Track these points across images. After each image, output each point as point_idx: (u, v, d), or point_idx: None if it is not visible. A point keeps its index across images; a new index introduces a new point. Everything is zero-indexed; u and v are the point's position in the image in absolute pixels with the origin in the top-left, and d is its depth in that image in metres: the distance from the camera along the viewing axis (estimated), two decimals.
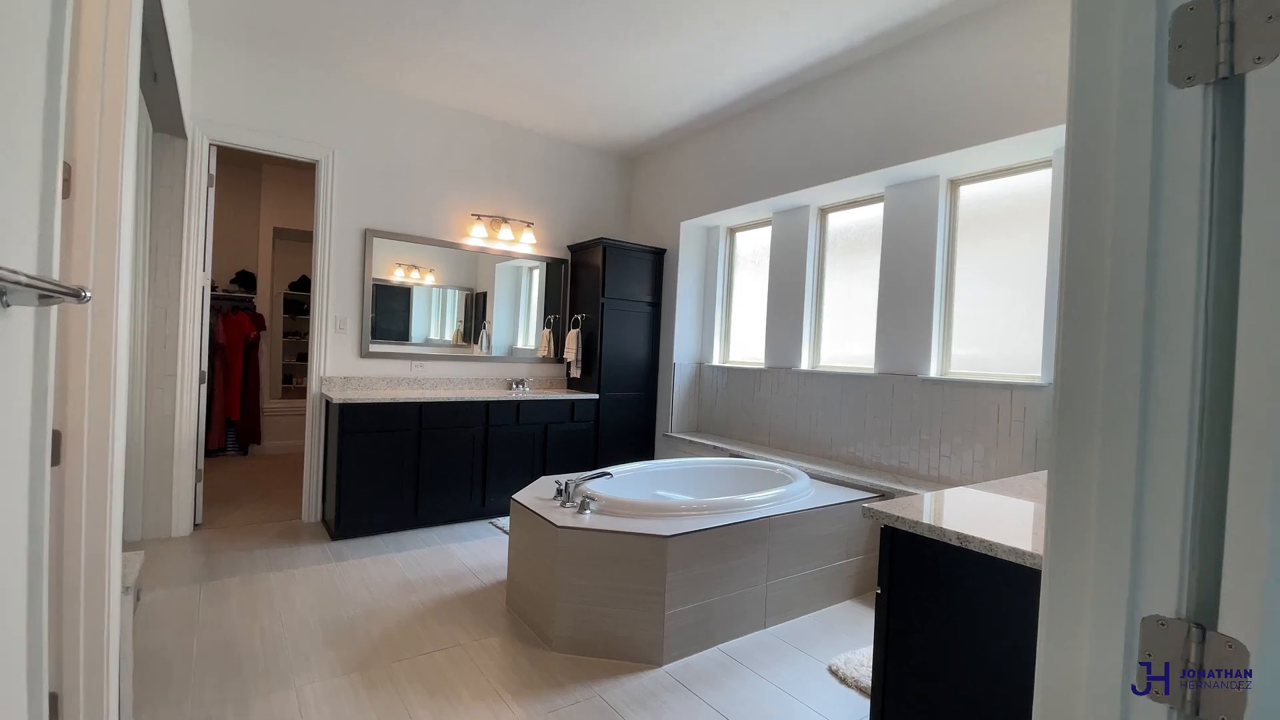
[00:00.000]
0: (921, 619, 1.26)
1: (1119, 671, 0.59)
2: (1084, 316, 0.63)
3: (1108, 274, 0.61)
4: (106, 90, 1.29)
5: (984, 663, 1.16)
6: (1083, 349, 0.62)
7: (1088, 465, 0.61)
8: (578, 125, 4.30)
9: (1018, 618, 1.11)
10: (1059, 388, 0.65)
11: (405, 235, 3.96)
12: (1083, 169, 0.64)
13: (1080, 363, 0.62)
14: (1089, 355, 0.62)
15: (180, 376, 3.29)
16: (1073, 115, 0.65)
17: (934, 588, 1.24)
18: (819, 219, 3.84)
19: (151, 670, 2.01)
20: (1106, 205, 0.61)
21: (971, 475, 2.90)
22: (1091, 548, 0.61)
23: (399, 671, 2.07)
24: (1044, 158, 2.79)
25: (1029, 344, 2.83)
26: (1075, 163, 0.64)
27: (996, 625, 1.15)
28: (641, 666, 2.16)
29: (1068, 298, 0.64)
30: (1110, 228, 0.61)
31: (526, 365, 4.50)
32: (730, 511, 2.50)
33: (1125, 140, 0.60)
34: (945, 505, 1.43)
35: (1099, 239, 0.62)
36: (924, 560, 1.26)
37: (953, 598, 1.21)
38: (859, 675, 2.09)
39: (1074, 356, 0.63)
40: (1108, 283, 0.60)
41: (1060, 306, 0.65)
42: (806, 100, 3.57)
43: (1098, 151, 0.62)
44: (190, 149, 3.28)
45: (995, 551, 1.10)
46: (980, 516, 1.36)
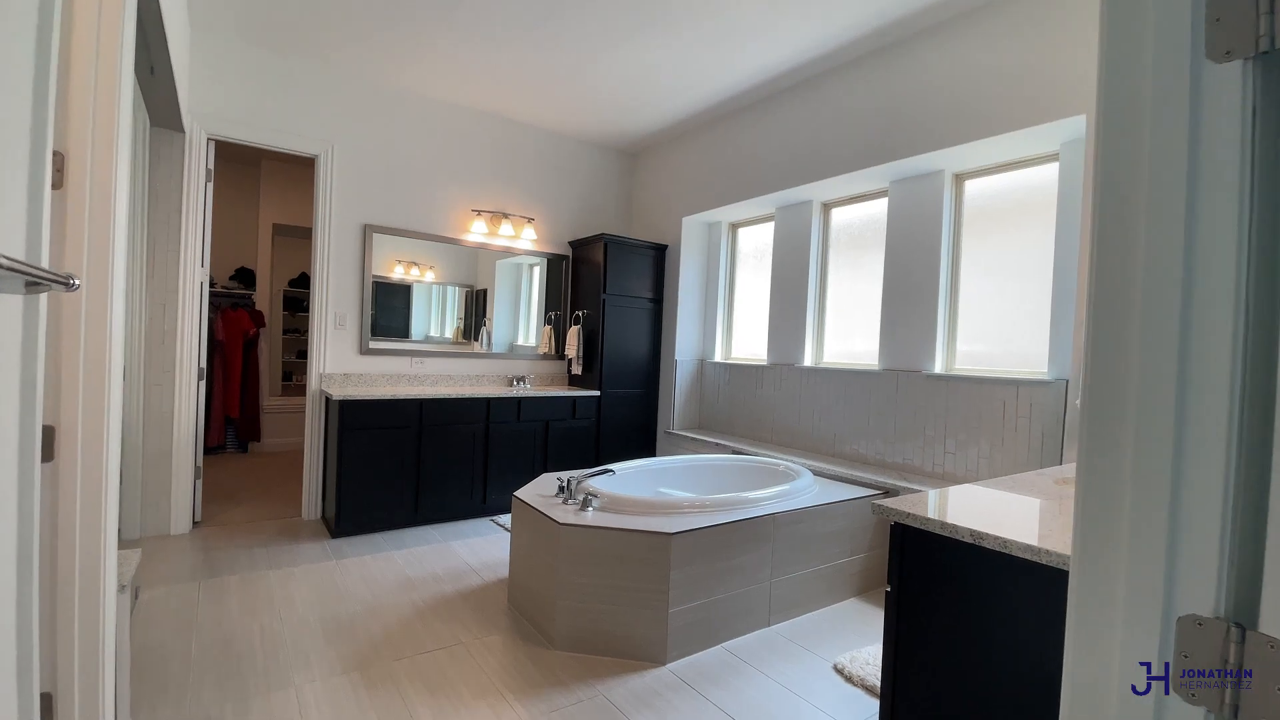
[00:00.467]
0: (932, 617, 1.24)
1: (1154, 672, 0.56)
2: (1116, 305, 0.60)
3: (1141, 259, 0.58)
4: (99, 79, 1.26)
5: (998, 660, 1.14)
6: (1115, 338, 0.60)
7: (1119, 460, 0.59)
8: (578, 120, 4.27)
9: (1032, 615, 1.09)
10: (1088, 378, 0.62)
11: (405, 231, 3.93)
12: (1114, 151, 0.61)
13: (1112, 352, 0.60)
14: (1122, 344, 0.59)
15: (179, 373, 3.26)
16: (1103, 95, 0.62)
17: (945, 585, 1.22)
18: (822, 214, 3.81)
19: (150, 668, 1.99)
20: (1140, 187, 0.58)
21: (977, 472, 2.88)
22: (1124, 545, 0.58)
23: (400, 670, 2.04)
24: (1051, 151, 2.76)
25: (1035, 340, 2.81)
26: (1106, 144, 0.62)
27: (1010, 623, 1.13)
28: (645, 665, 2.13)
29: (1098, 285, 0.62)
30: (1144, 211, 0.58)
31: (527, 362, 4.48)
32: (734, 509, 2.47)
33: (1160, 119, 0.57)
34: (955, 502, 1.40)
35: (1131, 224, 0.59)
36: (935, 557, 1.23)
37: (965, 595, 1.19)
38: (865, 674, 2.07)
39: (1105, 346, 0.61)
40: (1141, 268, 0.58)
41: (1090, 294, 0.62)
42: (810, 94, 3.54)
43: (1130, 132, 0.59)
44: (188, 144, 3.25)
45: (1009, 549, 1.08)
46: (990, 513, 1.34)
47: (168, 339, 3.24)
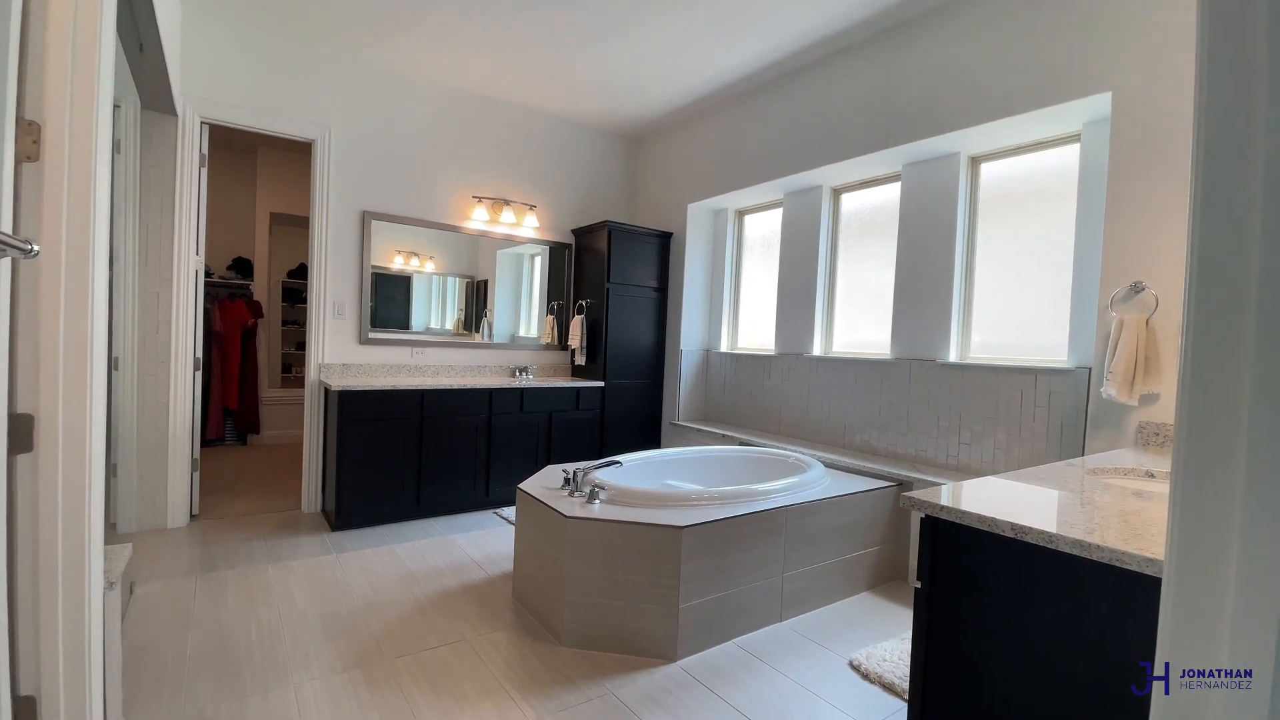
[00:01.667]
0: (966, 615, 1.17)
1: (1269, 684, 0.49)
2: (1226, 272, 0.52)
3: (1258, 229, 0.50)
4: (77, 46, 1.18)
5: (1042, 662, 1.07)
6: (1223, 315, 0.52)
7: (1228, 451, 0.51)
8: (581, 104, 4.17)
9: (1081, 615, 1.02)
10: (1187, 360, 0.54)
11: (404, 218, 3.84)
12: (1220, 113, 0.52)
13: (1219, 332, 0.52)
14: (1233, 323, 0.51)
15: (174, 363, 3.19)
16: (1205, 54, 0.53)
17: (982, 582, 1.15)
18: (832, 200, 3.72)
19: (144, 666, 1.92)
20: (1255, 150, 0.50)
21: (993, 463, 2.81)
22: (1233, 547, 0.51)
23: (402, 667, 1.98)
24: (1072, 131, 2.67)
25: (1054, 327, 2.73)
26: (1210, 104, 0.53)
27: (1056, 622, 1.05)
28: (655, 662, 2.07)
29: (1201, 249, 0.54)
30: (1260, 173, 0.50)
31: (529, 352, 4.40)
32: (744, 501, 2.40)
33: None
34: (985, 494, 1.33)
35: (1245, 189, 0.51)
36: (970, 552, 1.16)
37: (1004, 592, 1.12)
38: (882, 670, 2.01)
39: (1210, 324, 0.53)
40: (1258, 241, 0.50)
41: (1191, 273, 0.54)
42: (820, 75, 3.44)
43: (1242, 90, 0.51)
44: (181, 127, 3.16)
45: (1056, 543, 1.01)
46: (1028, 506, 1.27)
47: (162, 328, 3.16)
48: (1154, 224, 2.18)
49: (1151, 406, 2.17)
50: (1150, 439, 2.16)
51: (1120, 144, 2.27)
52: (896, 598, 2.67)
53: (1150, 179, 2.20)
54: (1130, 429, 2.22)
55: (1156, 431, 2.14)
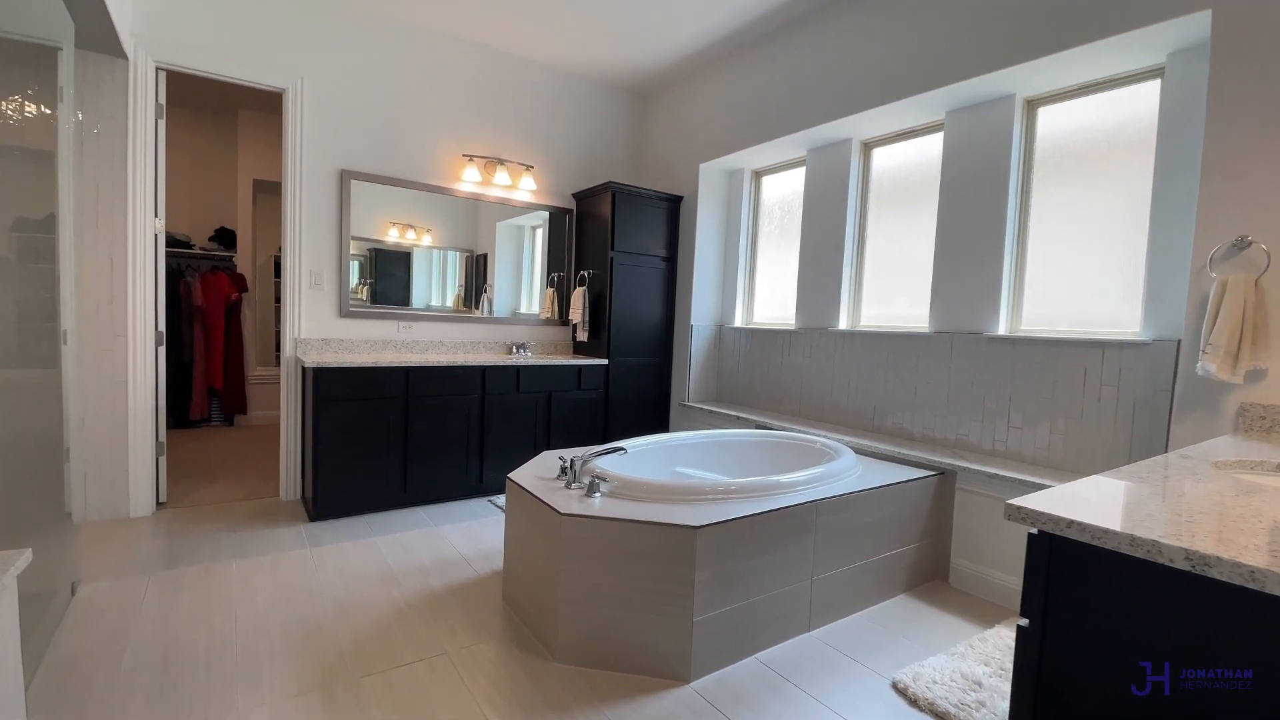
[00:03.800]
0: (1101, 661, 0.85)
1: None
2: None
3: None
4: None
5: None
6: None
7: None
8: (582, 53, 3.78)
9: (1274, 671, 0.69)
10: None
11: (387, 178, 3.49)
12: None
13: None
14: None
15: (132, 337, 2.88)
16: None
17: (1124, 621, 0.82)
18: (862, 155, 3.33)
19: (69, 683, 1.64)
20: None
21: (1049, 451, 2.47)
22: None
23: (368, 689, 1.69)
24: (1154, 64, 2.28)
25: (1125, 296, 2.36)
26: None
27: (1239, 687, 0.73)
28: (665, 683, 1.77)
29: None
30: None
31: (528, 328, 4.07)
32: (768, 495, 2.08)
33: None
34: (1102, 502, 1.00)
35: None
36: (1099, 580, 0.83)
37: (1155, 642, 0.79)
38: (933, 696, 1.70)
39: None
40: None
41: None
42: (849, 9, 3.04)
43: None
44: (133, 72, 2.81)
45: (1265, 584, 0.67)
46: (1172, 517, 0.93)
47: (117, 298, 2.85)
48: (1263, 171, 1.81)
49: (1256, 385, 1.82)
50: (1255, 424, 1.80)
51: (1221, 75, 1.89)
52: (936, 600, 2.36)
53: (1260, 117, 1.82)
54: (1228, 412, 1.87)
55: (1263, 415, 1.79)
